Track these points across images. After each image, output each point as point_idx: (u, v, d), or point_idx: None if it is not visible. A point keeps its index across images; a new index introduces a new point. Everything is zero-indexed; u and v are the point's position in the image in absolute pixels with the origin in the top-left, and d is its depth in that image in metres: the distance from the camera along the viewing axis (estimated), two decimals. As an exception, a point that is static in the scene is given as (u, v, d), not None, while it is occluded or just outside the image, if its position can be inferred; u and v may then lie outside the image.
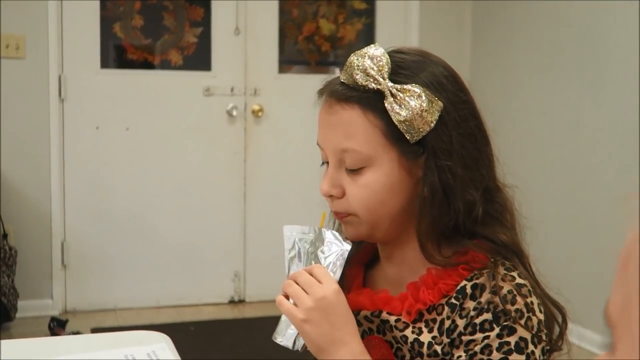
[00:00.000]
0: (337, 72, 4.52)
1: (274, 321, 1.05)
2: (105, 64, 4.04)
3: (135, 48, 4.10)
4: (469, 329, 0.99)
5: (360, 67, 1.04)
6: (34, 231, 3.91)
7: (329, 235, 1.11)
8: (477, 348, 0.98)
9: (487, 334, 0.98)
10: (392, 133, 1.03)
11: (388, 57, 1.04)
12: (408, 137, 1.02)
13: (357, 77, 1.04)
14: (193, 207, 4.14)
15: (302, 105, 4.23)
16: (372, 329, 1.09)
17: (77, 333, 3.37)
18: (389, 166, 1.04)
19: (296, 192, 4.26)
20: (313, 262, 1.09)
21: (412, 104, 1.02)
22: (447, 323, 1.01)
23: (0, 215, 3.77)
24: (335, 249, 1.09)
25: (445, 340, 1.01)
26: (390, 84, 1.03)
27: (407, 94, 1.02)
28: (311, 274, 1.03)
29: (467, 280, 1.01)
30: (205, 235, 4.17)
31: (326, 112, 1.07)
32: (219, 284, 4.21)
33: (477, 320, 0.99)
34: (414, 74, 1.05)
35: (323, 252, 1.09)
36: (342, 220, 1.09)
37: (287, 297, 1.03)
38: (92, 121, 3.98)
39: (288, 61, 4.39)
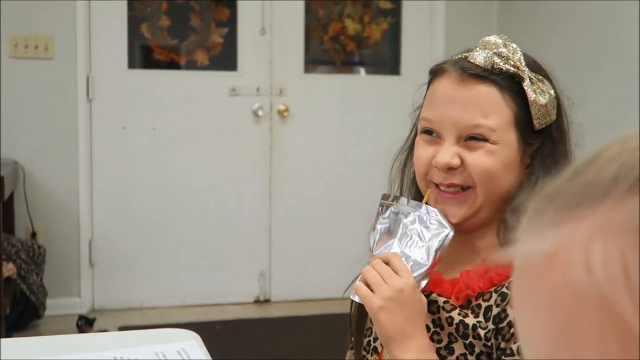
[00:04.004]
0: (362, 72, 4.53)
1: (299, 321, 1.06)
2: (132, 64, 4.07)
3: (162, 48, 4.13)
4: None
5: (497, 52, 1.09)
6: (62, 230, 3.95)
7: (434, 214, 1.07)
8: None
9: None
10: (519, 117, 1.08)
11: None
12: (535, 123, 1.08)
13: (496, 59, 1.08)
14: (219, 207, 4.16)
15: (327, 105, 4.24)
16: None
17: (105, 331, 3.40)
18: (511, 146, 1.08)
19: (322, 192, 4.26)
20: (411, 241, 1.06)
21: (547, 93, 1.09)
22: (495, 310, 1.03)
23: (29, 214, 3.82)
24: (439, 232, 1.05)
25: (491, 326, 1.03)
26: (527, 70, 1.09)
27: (542, 84, 1.10)
28: (388, 264, 1.04)
29: None
30: (230, 235, 4.18)
31: (456, 87, 1.08)
32: (245, 283, 4.22)
33: None
34: (539, 67, 1.13)
35: (426, 232, 1.06)
36: (455, 198, 1.09)
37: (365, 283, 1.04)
38: (119, 121, 4.01)
39: (314, 61, 4.39)
